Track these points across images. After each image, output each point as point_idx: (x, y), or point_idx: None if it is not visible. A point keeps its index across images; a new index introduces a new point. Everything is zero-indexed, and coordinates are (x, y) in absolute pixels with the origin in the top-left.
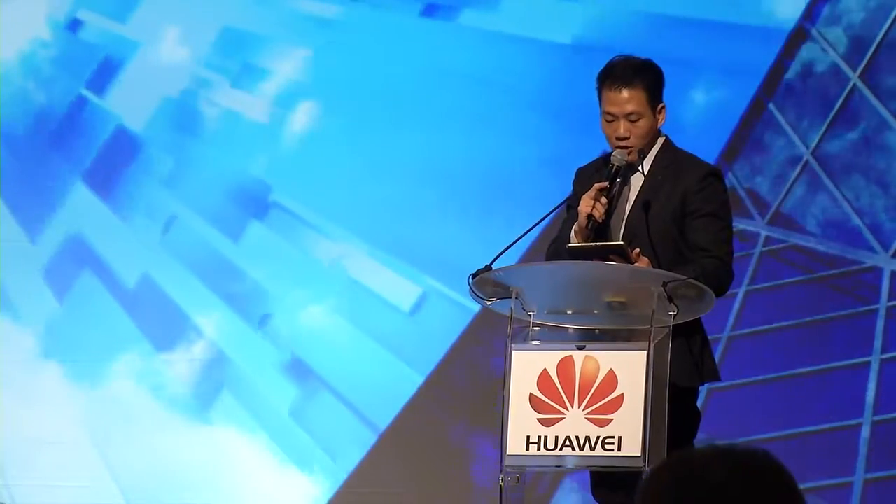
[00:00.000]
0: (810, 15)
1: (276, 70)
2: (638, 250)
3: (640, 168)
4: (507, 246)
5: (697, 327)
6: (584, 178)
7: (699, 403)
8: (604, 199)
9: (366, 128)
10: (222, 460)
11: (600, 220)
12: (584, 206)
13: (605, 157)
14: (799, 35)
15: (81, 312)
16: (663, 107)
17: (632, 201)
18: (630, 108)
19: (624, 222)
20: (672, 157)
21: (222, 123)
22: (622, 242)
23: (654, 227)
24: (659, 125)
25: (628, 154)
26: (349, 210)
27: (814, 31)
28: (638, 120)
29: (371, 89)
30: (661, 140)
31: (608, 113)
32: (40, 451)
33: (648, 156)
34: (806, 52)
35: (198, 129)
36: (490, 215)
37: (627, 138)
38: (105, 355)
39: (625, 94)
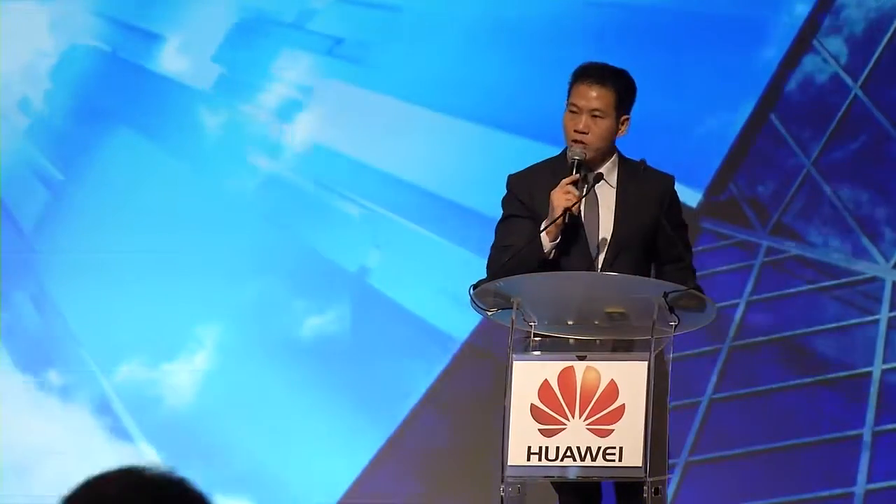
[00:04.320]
0: (811, 26)
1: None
2: None
3: (605, 179)
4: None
5: None
6: (523, 185)
7: (702, 414)
8: (575, 192)
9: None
10: (219, 470)
11: (576, 213)
12: (560, 199)
13: (546, 162)
14: (800, 46)
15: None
16: (627, 119)
17: (613, 211)
18: (596, 104)
19: (610, 234)
20: (634, 168)
21: (225, 133)
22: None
23: (641, 236)
24: (619, 135)
25: (583, 149)
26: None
27: (815, 42)
28: (601, 118)
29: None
30: (616, 153)
31: (573, 104)
32: (38, 462)
33: (610, 166)
34: (807, 62)
35: (200, 139)
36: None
37: (586, 133)
38: (104, 366)
39: (595, 90)
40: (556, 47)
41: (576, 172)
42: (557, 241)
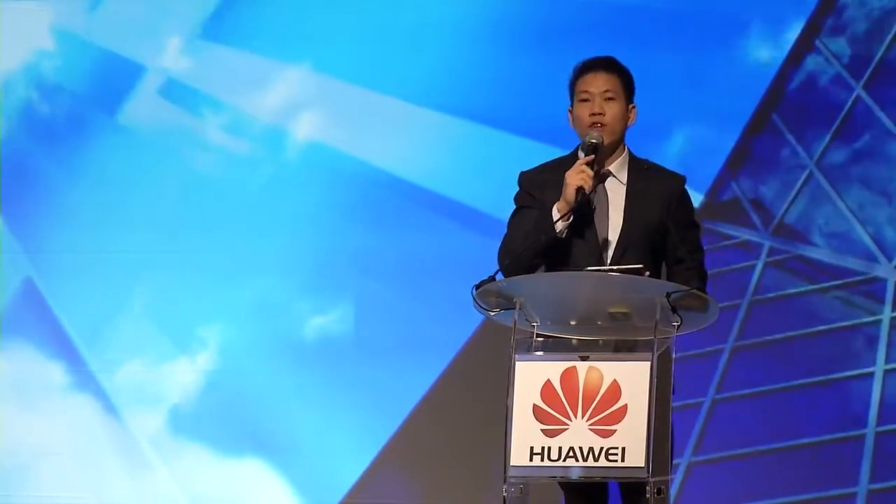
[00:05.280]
0: (814, 26)
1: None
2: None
3: (615, 176)
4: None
5: None
6: (534, 181)
7: (704, 414)
8: (590, 172)
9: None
10: (220, 472)
11: (589, 192)
12: (574, 178)
13: (558, 160)
14: (803, 46)
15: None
16: (634, 107)
17: (621, 208)
18: (607, 86)
19: (618, 229)
20: (643, 165)
21: (226, 132)
22: (641, 266)
23: (648, 235)
24: (629, 123)
25: (600, 132)
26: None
27: (818, 43)
28: (613, 100)
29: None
30: (626, 150)
31: (584, 92)
32: (41, 462)
33: (620, 163)
34: (810, 63)
35: (200, 139)
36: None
37: (602, 115)
38: (107, 364)
39: (602, 76)
40: (556, 47)
41: (594, 152)
42: (570, 221)
